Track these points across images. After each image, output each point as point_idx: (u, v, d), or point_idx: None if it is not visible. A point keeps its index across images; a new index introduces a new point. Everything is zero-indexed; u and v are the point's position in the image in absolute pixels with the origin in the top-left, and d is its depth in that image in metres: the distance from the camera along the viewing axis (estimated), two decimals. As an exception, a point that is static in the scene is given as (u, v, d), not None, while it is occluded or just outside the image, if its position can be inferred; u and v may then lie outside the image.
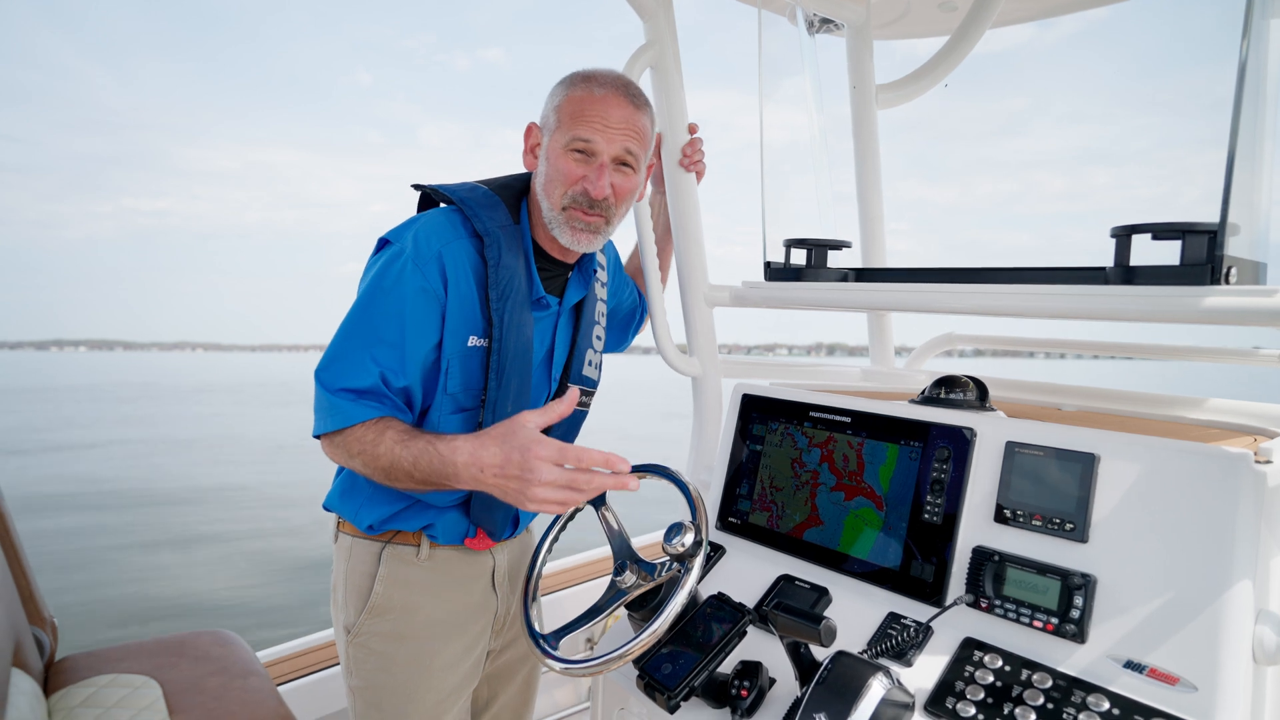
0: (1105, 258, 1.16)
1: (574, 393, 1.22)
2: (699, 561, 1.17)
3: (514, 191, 1.43)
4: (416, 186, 1.42)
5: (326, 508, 1.49)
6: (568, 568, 2.50)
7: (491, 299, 1.32)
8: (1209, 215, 1.03)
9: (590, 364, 1.54)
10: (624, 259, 1.85)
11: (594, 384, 1.56)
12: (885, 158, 2.11)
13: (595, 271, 1.54)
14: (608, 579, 1.25)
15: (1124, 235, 1.12)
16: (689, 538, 1.18)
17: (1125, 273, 1.12)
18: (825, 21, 1.99)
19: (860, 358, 2.32)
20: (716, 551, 1.51)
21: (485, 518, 1.44)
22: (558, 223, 1.36)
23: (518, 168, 1.48)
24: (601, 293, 1.58)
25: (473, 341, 1.33)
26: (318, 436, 1.29)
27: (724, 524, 1.53)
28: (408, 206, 1.44)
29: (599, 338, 1.57)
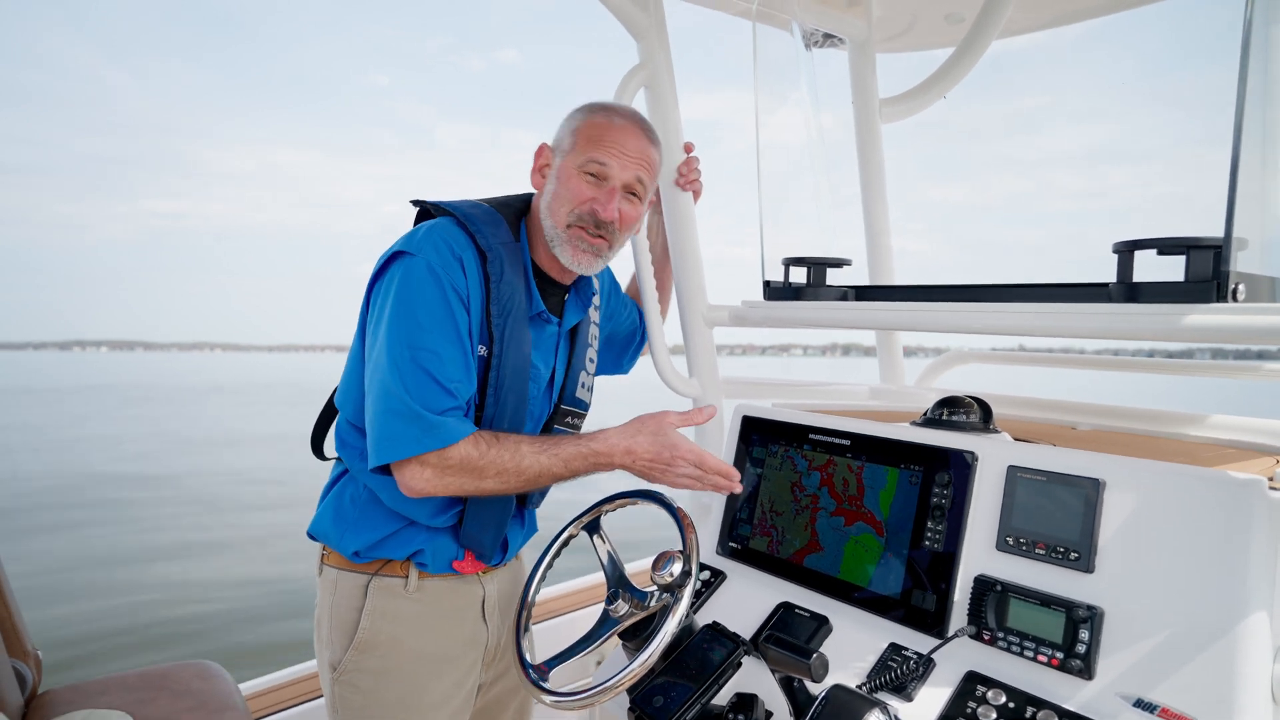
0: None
1: (711, 409, 1.38)
2: (688, 591, 1.14)
3: (514, 210, 1.43)
4: (415, 202, 1.42)
5: (311, 534, 1.45)
6: (562, 594, 2.44)
7: (493, 314, 1.32)
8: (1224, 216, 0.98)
9: (583, 386, 1.53)
10: (625, 285, 1.84)
11: (586, 406, 1.55)
12: (897, 159, 2.07)
13: (592, 296, 1.53)
14: (602, 606, 1.22)
15: (1126, 251, 1.08)
16: (677, 567, 1.15)
17: (1128, 290, 1.07)
18: (827, 37, 1.97)
19: (875, 358, 2.27)
20: (717, 577, 1.47)
21: (475, 540, 1.41)
22: (560, 240, 1.37)
23: (530, 173, 1.47)
24: (595, 316, 1.57)
25: (480, 350, 1.33)
26: (406, 459, 1.22)
27: (724, 549, 1.50)
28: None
29: (591, 360, 1.56)
